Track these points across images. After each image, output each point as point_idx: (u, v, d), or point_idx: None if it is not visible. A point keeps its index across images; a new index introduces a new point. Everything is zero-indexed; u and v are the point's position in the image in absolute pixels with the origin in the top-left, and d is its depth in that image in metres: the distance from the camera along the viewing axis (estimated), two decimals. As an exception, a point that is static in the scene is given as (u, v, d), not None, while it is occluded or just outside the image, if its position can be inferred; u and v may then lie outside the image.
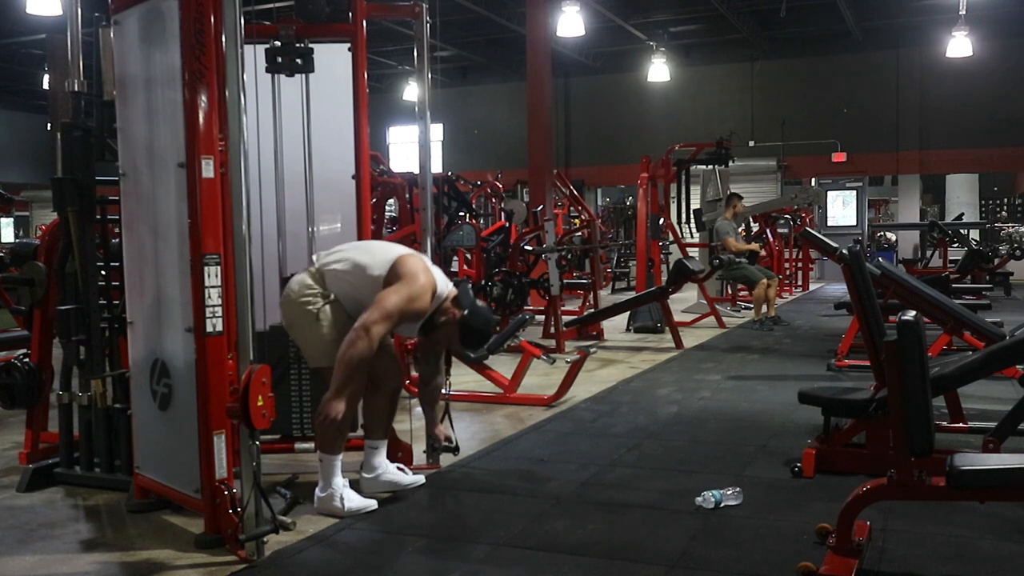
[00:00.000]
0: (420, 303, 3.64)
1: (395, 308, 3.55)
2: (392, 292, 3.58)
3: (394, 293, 3.57)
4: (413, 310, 3.62)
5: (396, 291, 3.58)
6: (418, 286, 3.63)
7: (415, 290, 3.61)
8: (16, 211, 21.26)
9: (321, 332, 3.67)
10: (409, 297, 3.59)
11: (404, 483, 3.94)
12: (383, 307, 3.54)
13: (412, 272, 3.64)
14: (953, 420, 4.58)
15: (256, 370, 3.18)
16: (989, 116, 18.51)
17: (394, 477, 3.93)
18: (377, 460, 3.91)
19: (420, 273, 3.67)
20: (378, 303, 3.55)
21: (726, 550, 3.25)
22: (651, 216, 10.99)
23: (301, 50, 4.07)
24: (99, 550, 3.35)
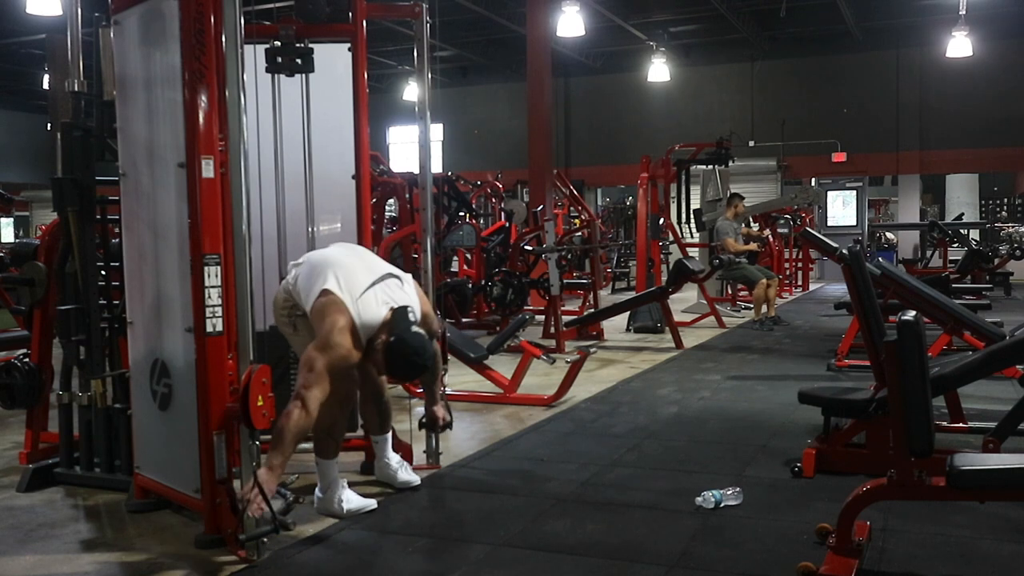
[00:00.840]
0: (338, 352, 3.43)
1: (321, 368, 3.38)
2: (314, 350, 3.44)
3: (316, 351, 3.43)
4: (338, 361, 3.44)
5: (317, 349, 3.44)
6: (330, 339, 3.44)
7: (330, 340, 3.43)
8: (16, 211, 21.27)
9: (303, 340, 3.66)
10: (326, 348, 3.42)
11: (397, 481, 4.03)
12: (311, 371, 3.38)
13: (323, 322, 3.49)
14: (953, 420, 4.58)
15: (256, 370, 3.18)
16: (989, 116, 18.51)
17: (391, 472, 4.05)
18: (382, 450, 4.06)
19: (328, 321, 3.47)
20: (305, 365, 3.42)
21: (726, 550, 3.25)
22: (651, 216, 10.99)
23: (301, 50, 4.07)
24: (99, 550, 3.35)
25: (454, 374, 6.46)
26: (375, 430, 4.07)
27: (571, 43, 17.79)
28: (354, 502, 3.71)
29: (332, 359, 3.43)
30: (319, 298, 3.55)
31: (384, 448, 4.08)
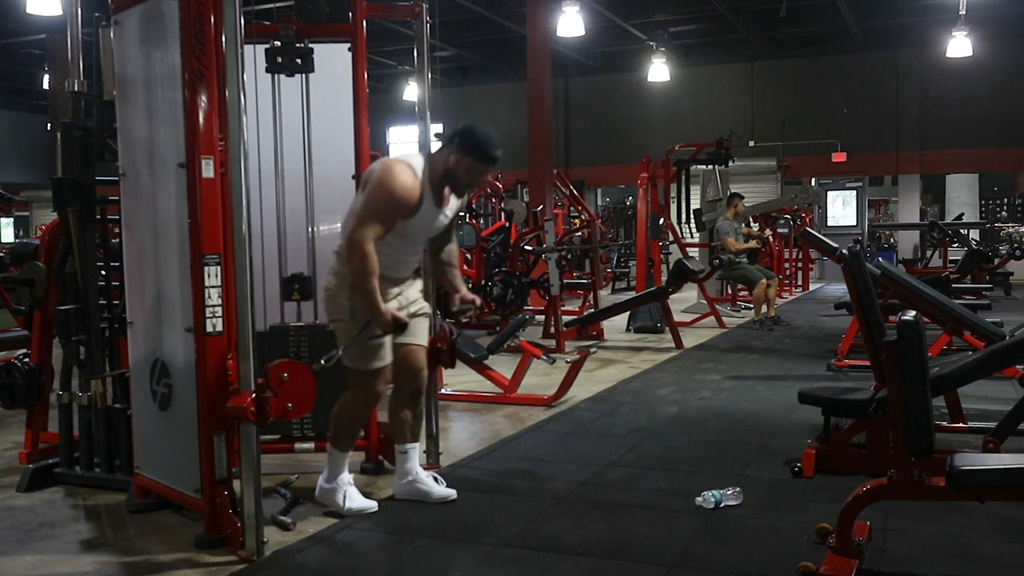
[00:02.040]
0: (397, 184, 3.41)
1: (367, 205, 3.42)
2: (363, 195, 3.46)
3: (364, 194, 3.46)
4: (394, 195, 3.41)
5: (366, 192, 3.46)
6: (385, 175, 3.43)
7: (382, 177, 3.42)
8: (16, 211, 21.27)
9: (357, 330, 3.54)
10: (378, 186, 3.41)
11: (434, 495, 3.81)
12: (358, 211, 3.43)
13: (376, 169, 3.50)
14: (953, 420, 4.58)
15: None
16: (989, 116, 18.51)
17: (424, 487, 3.82)
18: (409, 466, 3.83)
19: (386, 164, 3.50)
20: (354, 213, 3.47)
21: (726, 550, 3.25)
22: (651, 216, 10.99)
23: (301, 50, 4.07)
24: (99, 550, 3.35)
25: (454, 374, 6.46)
26: (405, 436, 3.83)
27: (571, 43, 17.78)
28: (356, 501, 3.68)
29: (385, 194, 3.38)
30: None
31: (413, 460, 3.85)
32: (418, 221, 3.55)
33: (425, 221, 3.60)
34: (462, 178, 3.57)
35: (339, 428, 3.68)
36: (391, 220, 3.47)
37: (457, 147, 3.51)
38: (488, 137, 3.55)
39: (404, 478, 3.84)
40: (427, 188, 3.53)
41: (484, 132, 3.56)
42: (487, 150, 3.54)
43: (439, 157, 3.56)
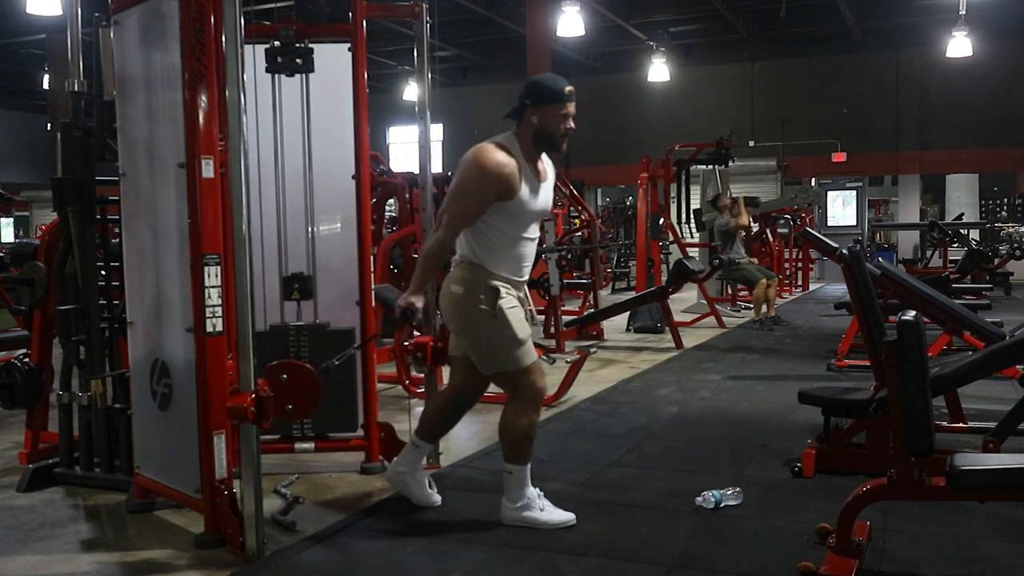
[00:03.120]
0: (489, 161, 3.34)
1: (458, 189, 3.38)
2: (455, 178, 3.43)
3: (457, 177, 3.42)
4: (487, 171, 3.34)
5: (458, 174, 3.42)
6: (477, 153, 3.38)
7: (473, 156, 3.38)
8: (16, 211, 21.27)
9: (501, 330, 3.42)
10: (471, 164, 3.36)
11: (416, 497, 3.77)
12: (451, 195, 3.41)
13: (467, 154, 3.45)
14: (953, 420, 4.58)
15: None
16: (989, 116, 18.53)
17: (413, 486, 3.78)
18: (414, 460, 3.78)
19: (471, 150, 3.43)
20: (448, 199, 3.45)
21: (726, 550, 3.25)
22: (651, 216, 11.00)
23: (301, 50, 4.07)
24: (99, 550, 3.35)
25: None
26: (431, 435, 3.80)
27: (571, 43, 17.80)
28: (556, 514, 3.50)
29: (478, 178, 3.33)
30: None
31: (421, 457, 3.82)
32: (526, 198, 3.43)
33: (532, 198, 3.47)
34: (554, 129, 3.43)
35: (515, 441, 3.46)
36: (484, 200, 3.37)
37: (533, 105, 3.41)
38: (551, 77, 3.51)
39: (400, 467, 3.78)
40: (523, 162, 3.42)
41: (547, 76, 3.53)
42: (558, 86, 3.43)
43: (522, 128, 3.45)
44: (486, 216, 3.41)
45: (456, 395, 3.74)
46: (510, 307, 3.44)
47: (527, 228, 3.53)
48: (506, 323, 3.41)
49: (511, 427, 3.48)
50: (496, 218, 3.42)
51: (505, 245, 3.46)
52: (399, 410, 5.62)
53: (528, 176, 3.44)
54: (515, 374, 3.46)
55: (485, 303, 3.40)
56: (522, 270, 3.56)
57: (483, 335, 3.45)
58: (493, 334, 3.43)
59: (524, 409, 3.48)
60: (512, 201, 3.40)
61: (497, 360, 3.47)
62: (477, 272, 3.44)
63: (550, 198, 3.65)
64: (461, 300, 3.45)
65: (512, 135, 3.47)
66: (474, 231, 3.44)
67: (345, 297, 4.25)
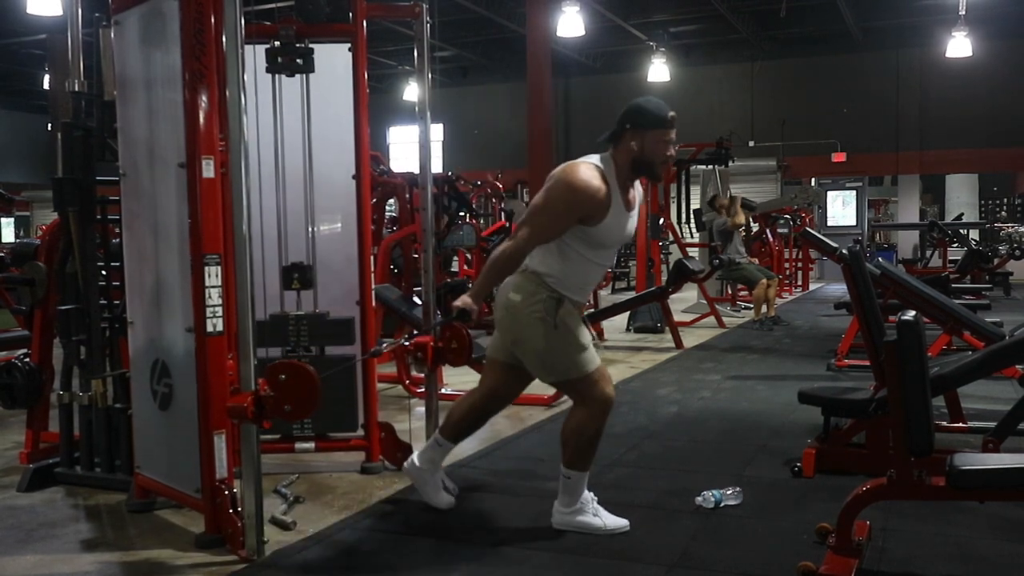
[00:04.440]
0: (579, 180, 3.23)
1: (542, 203, 3.28)
2: (542, 192, 3.33)
3: (544, 191, 3.32)
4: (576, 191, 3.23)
5: (547, 188, 3.31)
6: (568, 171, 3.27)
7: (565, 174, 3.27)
8: (16, 211, 21.28)
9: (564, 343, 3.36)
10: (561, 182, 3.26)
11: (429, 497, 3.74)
12: (534, 207, 3.32)
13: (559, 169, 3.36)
14: (953, 420, 4.58)
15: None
16: (989, 116, 18.52)
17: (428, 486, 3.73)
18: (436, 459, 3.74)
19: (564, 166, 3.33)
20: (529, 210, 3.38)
21: (726, 550, 3.25)
22: (651, 216, 11.00)
23: (301, 50, 4.07)
24: (99, 550, 3.35)
25: (454, 374, 6.46)
26: (455, 434, 3.73)
27: (571, 43, 17.79)
28: (611, 519, 3.45)
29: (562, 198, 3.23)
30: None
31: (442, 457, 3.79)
32: (611, 225, 3.33)
33: (618, 226, 3.38)
34: (655, 156, 3.33)
35: (579, 447, 3.38)
36: (567, 220, 3.27)
37: (634, 128, 3.31)
38: (655, 103, 3.37)
39: (422, 462, 3.72)
40: (615, 188, 3.32)
41: (649, 100, 3.38)
42: (663, 112, 3.33)
43: (620, 152, 3.34)
44: (566, 236, 3.32)
45: (486, 398, 3.69)
46: (569, 314, 3.38)
47: (604, 255, 3.46)
48: (568, 330, 3.34)
49: (577, 432, 3.39)
50: (576, 240, 3.33)
51: (577, 267, 3.37)
52: (399, 410, 5.63)
53: (617, 203, 3.33)
54: (580, 380, 3.37)
55: (545, 313, 3.31)
56: (586, 294, 3.54)
57: (542, 344, 3.35)
58: (553, 342, 3.34)
59: (593, 415, 3.38)
60: (596, 227, 3.30)
61: (560, 368, 3.39)
62: (539, 284, 3.34)
63: (635, 226, 3.55)
64: (519, 308, 3.36)
65: (609, 156, 3.36)
66: (549, 247, 3.34)
67: (345, 297, 4.25)
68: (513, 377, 3.60)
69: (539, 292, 3.33)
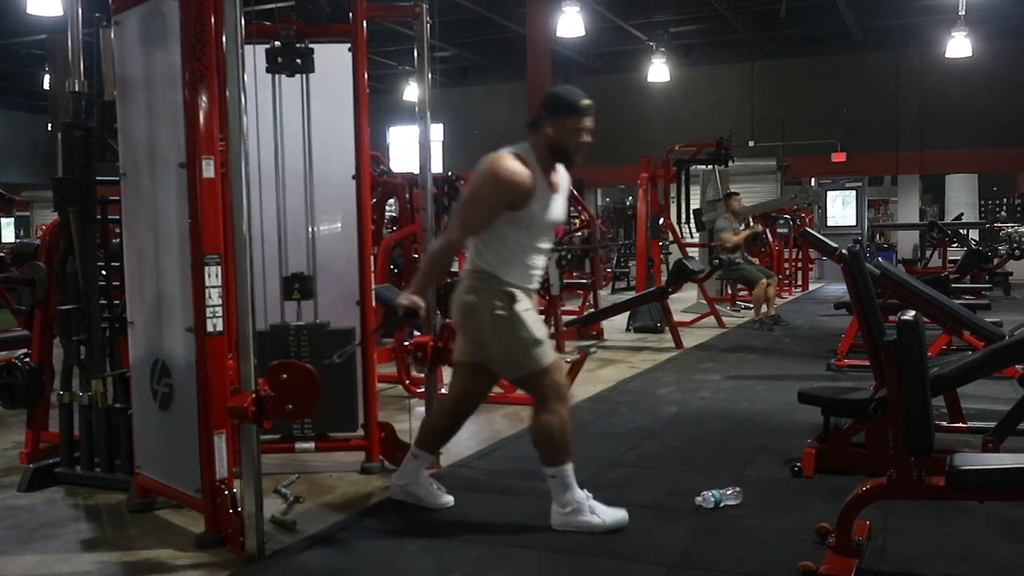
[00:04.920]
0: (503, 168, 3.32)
1: (470, 195, 3.40)
2: (468, 186, 3.46)
3: (470, 185, 3.44)
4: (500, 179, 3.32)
5: (472, 182, 3.43)
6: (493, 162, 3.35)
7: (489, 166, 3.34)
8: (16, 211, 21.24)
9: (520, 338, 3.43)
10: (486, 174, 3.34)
11: (428, 502, 3.75)
12: (463, 201, 3.45)
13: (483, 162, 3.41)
14: (953, 420, 4.58)
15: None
16: (989, 116, 18.51)
17: (421, 492, 3.75)
18: (415, 470, 3.76)
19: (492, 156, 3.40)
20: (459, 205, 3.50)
21: (726, 550, 3.25)
22: (651, 216, 11.00)
23: (301, 50, 4.07)
24: (99, 550, 3.36)
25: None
26: (432, 445, 3.78)
27: (571, 43, 17.79)
28: (609, 514, 3.45)
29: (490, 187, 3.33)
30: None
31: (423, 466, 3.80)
32: (537, 210, 3.42)
33: (545, 208, 3.46)
34: (569, 143, 3.40)
35: (550, 443, 3.43)
36: (496, 208, 3.36)
37: (549, 117, 3.39)
38: (569, 90, 3.45)
39: (404, 479, 3.77)
40: (537, 172, 3.39)
41: (565, 88, 3.47)
42: (575, 99, 3.39)
43: (538, 139, 3.42)
44: (498, 225, 3.40)
45: (458, 401, 3.73)
46: (525, 310, 3.45)
47: (539, 238, 3.52)
48: (523, 326, 3.41)
49: (543, 429, 3.45)
50: (508, 227, 3.41)
51: (517, 254, 3.45)
52: (399, 410, 5.63)
53: (541, 187, 3.41)
54: (537, 375, 3.45)
55: (502, 308, 3.40)
56: (533, 279, 3.57)
57: (500, 341, 3.44)
58: (511, 339, 3.42)
59: (552, 408, 3.45)
60: (524, 211, 3.38)
61: (518, 364, 3.46)
62: (489, 281, 3.43)
63: (563, 209, 3.63)
64: (476, 308, 3.44)
65: (528, 145, 3.44)
66: (486, 240, 3.43)
67: (345, 297, 4.25)
68: (482, 376, 3.66)
69: (492, 289, 3.42)
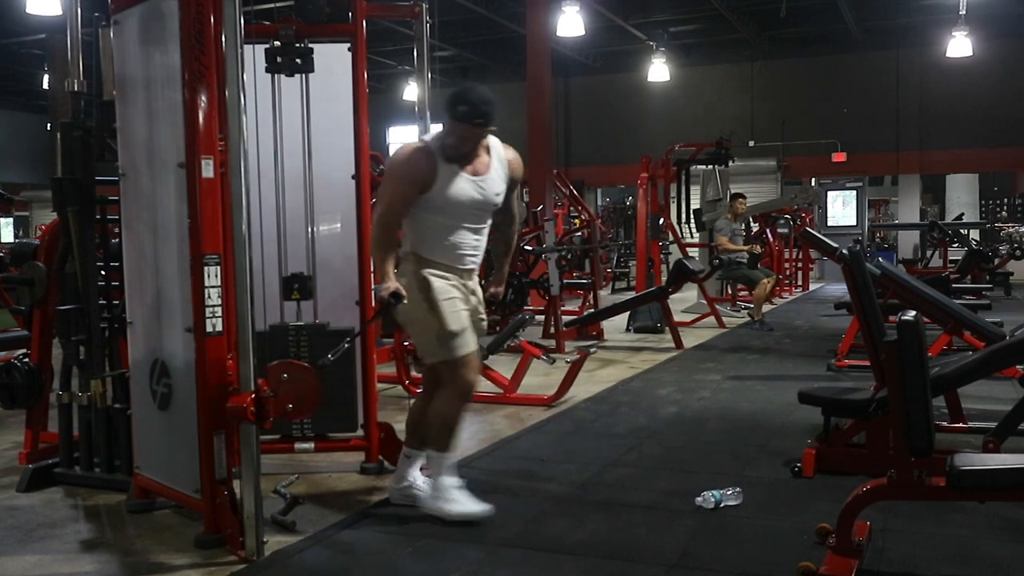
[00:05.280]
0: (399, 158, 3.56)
1: (382, 186, 3.57)
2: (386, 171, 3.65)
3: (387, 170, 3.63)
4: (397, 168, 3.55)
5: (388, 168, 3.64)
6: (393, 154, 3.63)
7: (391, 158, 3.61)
8: (16, 211, 21.25)
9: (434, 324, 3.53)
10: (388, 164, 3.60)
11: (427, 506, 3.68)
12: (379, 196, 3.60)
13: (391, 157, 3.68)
14: (953, 420, 4.58)
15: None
16: (989, 116, 18.51)
17: (421, 494, 3.71)
18: (410, 471, 3.77)
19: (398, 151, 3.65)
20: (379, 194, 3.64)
21: (726, 550, 3.25)
22: (651, 216, 10.99)
23: (301, 50, 4.07)
24: (99, 550, 3.35)
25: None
26: (415, 441, 3.77)
27: (571, 43, 17.78)
28: (462, 506, 3.54)
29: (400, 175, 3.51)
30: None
31: (416, 467, 3.78)
32: (446, 191, 3.50)
33: (462, 190, 3.53)
34: (460, 145, 3.53)
35: (439, 428, 3.55)
36: (405, 194, 3.51)
37: (447, 114, 3.51)
38: (473, 97, 3.47)
39: (401, 482, 3.77)
40: (439, 156, 3.51)
41: (470, 93, 3.49)
42: (470, 109, 3.46)
43: (445, 130, 3.57)
44: (417, 208, 3.55)
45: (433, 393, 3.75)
46: (445, 298, 3.54)
47: (464, 218, 3.60)
48: (439, 314, 3.52)
49: (438, 414, 3.62)
50: (423, 210, 3.56)
51: (439, 234, 3.57)
52: (399, 410, 5.61)
53: (448, 171, 3.52)
54: (449, 364, 3.56)
55: (420, 294, 3.53)
56: (462, 259, 3.64)
57: (415, 325, 3.62)
58: (429, 324, 3.55)
59: (453, 400, 3.58)
60: (431, 193, 3.52)
61: (431, 350, 3.60)
62: (415, 263, 3.58)
63: (492, 190, 3.63)
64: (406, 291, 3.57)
65: (443, 132, 3.59)
66: (410, 223, 3.60)
67: (345, 297, 4.25)
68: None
69: (415, 271, 3.57)
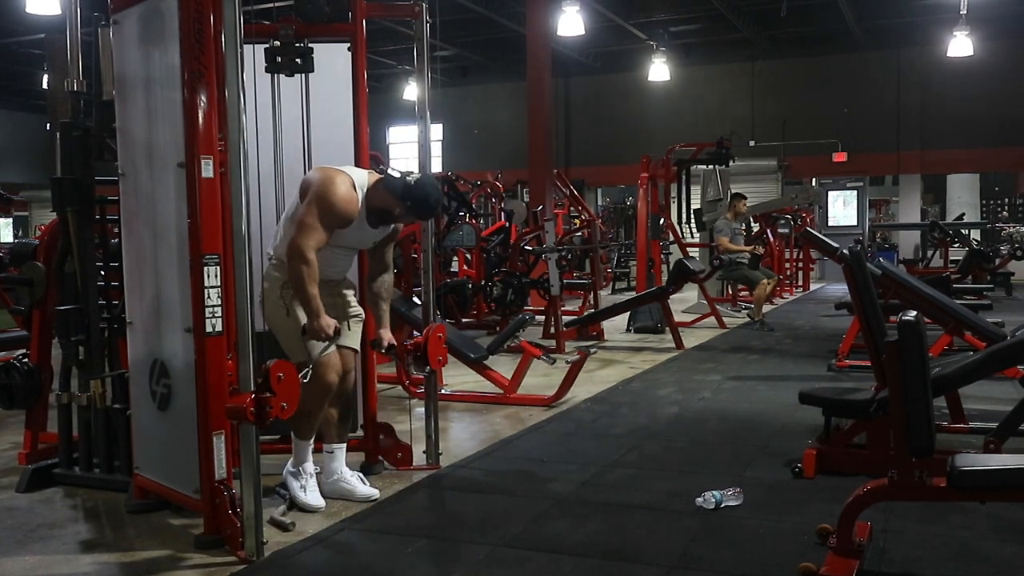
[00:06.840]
0: (337, 197, 3.59)
1: (310, 214, 3.56)
2: (304, 204, 3.61)
3: (305, 204, 3.59)
4: (334, 208, 3.58)
5: (307, 201, 3.60)
6: (326, 187, 3.59)
7: (323, 189, 3.58)
8: (15, 211, 21.24)
9: (294, 327, 3.68)
10: (319, 197, 3.56)
11: (357, 494, 3.85)
12: (299, 221, 3.58)
13: (317, 179, 3.65)
14: (954, 421, 4.57)
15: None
16: (990, 116, 18.49)
17: (348, 486, 3.87)
18: (335, 465, 3.91)
19: (326, 175, 3.66)
20: (295, 222, 3.61)
21: (726, 550, 3.24)
22: (651, 216, 10.99)
23: (301, 50, 4.07)
24: (98, 550, 3.35)
25: (454, 374, 6.46)
26: (332, 436, 3.92)
27: (571, 43, 17.78)
28: (310, 496, 3.77)
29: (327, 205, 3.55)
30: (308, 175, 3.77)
31: (339, 459, 3.91)
32: (352, 233, 3.73)
33: (358, 235, 3.78)
34: (381, 215, 3.76)
35: (296, 420, 3.66)
36: (331, 230, 3.63)
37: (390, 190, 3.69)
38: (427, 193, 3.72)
39: (330, 476, 3.89)
40: (363, 206, 3.70)
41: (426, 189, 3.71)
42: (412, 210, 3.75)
43: (377, 191, 3.72)
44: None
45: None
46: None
47: (347, 252, 3.88)
48: (296, 319, 3.66)
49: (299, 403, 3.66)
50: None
51: (322, 254, 3.65)
52: (399, 410, 5.62)
53: (362, 216, 3.71)
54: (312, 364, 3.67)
55: (282, 299, 3.69)
56: (331, 272, 3.81)
57: (281, 328, 3.74)
58: (286, 327, 3.71)
59: (311, 396, 3.63)
60: (343, 232, 3.68)
61: (290, 351, 3.69)
62: (279, 269, 3.69)
63: (379, 237, 3.88)
64: (265, 294, 3.76)
65: (370, 181, 3.75)
66: (287, 232, 3.66)
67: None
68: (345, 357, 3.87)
69: (279, 279, 3.69)
